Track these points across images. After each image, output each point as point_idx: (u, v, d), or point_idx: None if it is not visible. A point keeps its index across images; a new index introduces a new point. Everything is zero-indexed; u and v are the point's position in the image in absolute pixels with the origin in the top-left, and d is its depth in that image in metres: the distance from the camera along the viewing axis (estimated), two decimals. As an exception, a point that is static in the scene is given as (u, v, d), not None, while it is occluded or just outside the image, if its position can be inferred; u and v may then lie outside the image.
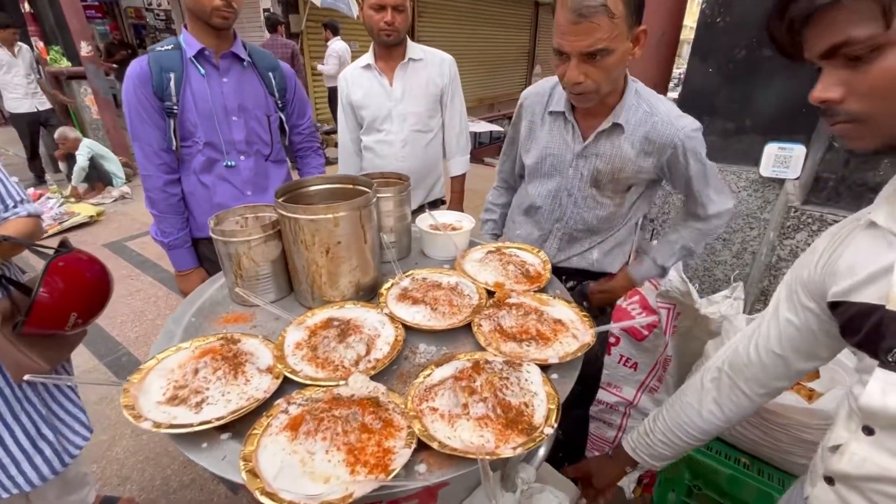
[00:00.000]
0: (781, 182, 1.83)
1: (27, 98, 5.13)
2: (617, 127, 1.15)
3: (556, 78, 1.26)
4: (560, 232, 1.35)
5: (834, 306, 0.65)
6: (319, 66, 6.38)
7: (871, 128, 0.53)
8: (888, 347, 0.55)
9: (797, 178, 1.77)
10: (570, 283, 1.45)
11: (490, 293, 1.06)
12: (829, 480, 0.65)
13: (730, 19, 1.76)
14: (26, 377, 0.72)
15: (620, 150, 1.17)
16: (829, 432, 0.68)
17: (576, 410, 1.55)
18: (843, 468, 0.61)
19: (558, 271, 1.41)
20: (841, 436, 0.64)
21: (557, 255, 1.39)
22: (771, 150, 1.79)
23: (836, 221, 1.46)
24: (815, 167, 1.54)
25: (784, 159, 1.78)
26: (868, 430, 0.60)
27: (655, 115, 1.15)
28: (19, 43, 4.95)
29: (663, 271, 1.36)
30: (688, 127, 1.14)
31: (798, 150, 1.75)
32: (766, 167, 1.82)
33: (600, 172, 1.21)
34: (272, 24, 6.00)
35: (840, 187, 1.51)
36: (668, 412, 0.93)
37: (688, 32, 4.02)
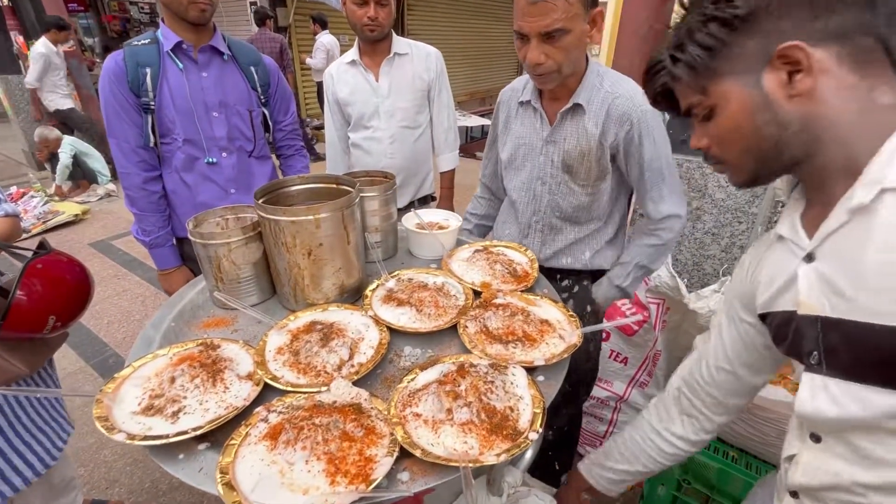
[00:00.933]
0: (770, 176, 1.83)
1: (66, 98, 5.36)
2: (578, 107, 1.17)
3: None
4: (539, 224, 1.34)
5: (763, 318, 0.70)
6: (308, 60, 6.30)
7: (732, 166, 0.64)
8: (808, 351, 0.58)
9: (785, 172, 1.77)
10: (566, 282, 1.41)
11: (477, 293, 1.05)
12: (794, 494, 0.66)
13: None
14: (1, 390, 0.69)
15: (585, 132, 1.18)
16: (784, 445, 0.69)
17: (567, 409, 1.54)
18: (800, 480, 0.62)
19: (551, 272, 1.39)
20: (793, 445, 0.65)
21: (543, 249, 1.36)
22: (759, 143, 1.79)
23: (824, 215, 1.48)
24: (802, 161, 1.54)
25: (772, 153, 1.78)
26: (815, 438, 0.61)
27: (617, 94, 1.15)
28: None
29: (623, 292, 1.34)
30: (646, 108, 1.13)
31: (786, 144, 1.75)
32: (755, 161, 1.82)
33: (569, 155, 1.21)
34: (261, 18, 5.90)
35: (827, 181, 1.51)
36: (629, 439, 0.94)
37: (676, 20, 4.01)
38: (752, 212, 1.90)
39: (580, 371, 1.46)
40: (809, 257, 0.58)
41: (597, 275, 1.41)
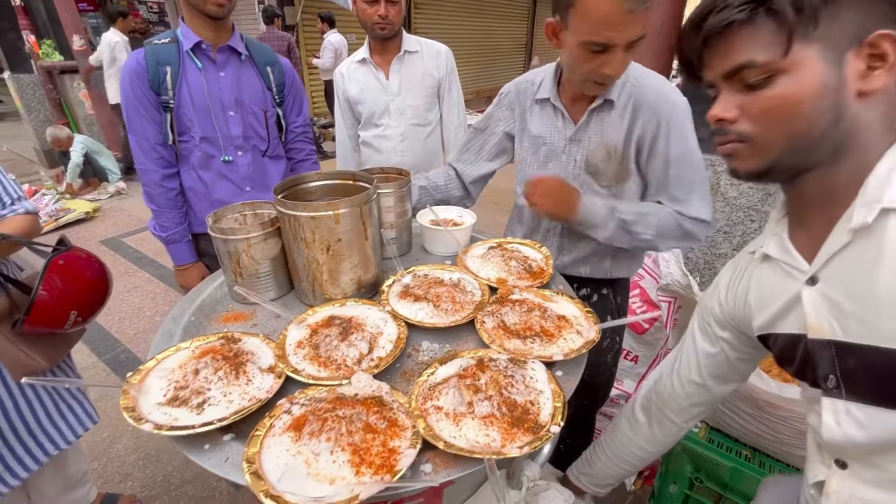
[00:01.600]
0: (783, 174, 1.82)
1: None
2: (608, 103, 1.12)
3: (542, 70, 1.24)
4: (557, 229, 1.29)
5: (764, 339, 0.69)
6: (315, 61, 6.30)
7: (757, 148, 0.56)
8: (824, 375, 0.57)
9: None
10: (584, 291, 1.37)
11: (493, 289, 1.05)
12: None
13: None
14: (26, 380, 0.70)
15: (612, 128, 1.13)
16: (807, 467, 0.68)
17: (583, 413, 1.53)
18: None
19: (569, 281, 1.30)
20: (819, 471, 0.64)
21: (560, 257, 1.32)
22: (772, 142, 1.78)
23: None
24: (817, 159, 1.53)
25: (786, 151, 1.77)
26: (842, 464, 0.60)
27: (645, 86, 1.10)
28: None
29: (613, 223, 1.12)
30: (676, 101, 1.08)
31: (800, 142, 1.74)
32: (768, 159, 1.81)
33: (593, 155, 1.17)
34: (269, 17, 5.93)
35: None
36: (606, 444, 1.02)
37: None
38: (765, 210, 1.89)
39: (599, 383, 1.44)
40: (812, 280, 0.57)
41: (616, 284, 1.37)
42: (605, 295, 1.37)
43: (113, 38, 4.95)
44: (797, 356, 0.61)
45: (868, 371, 0.52)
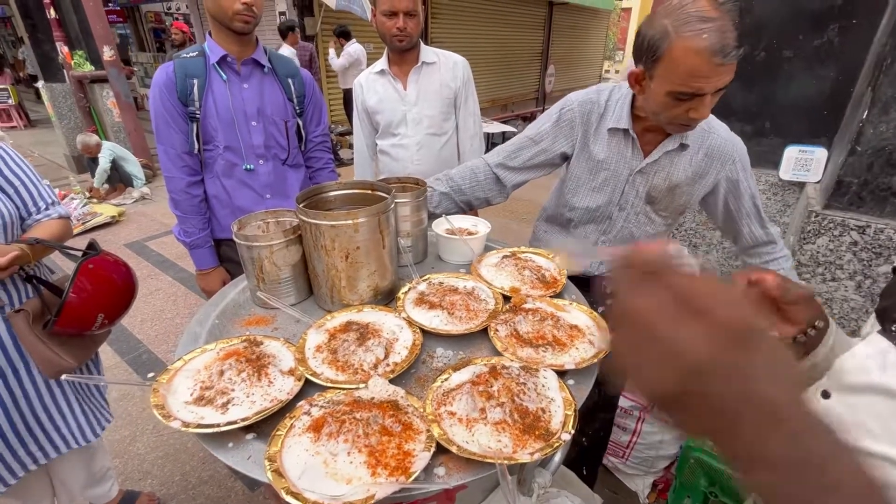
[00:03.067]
0: (802, 185, 1.80)
1: None
2: (683, 146, 1.18)
3: (606, 88, 1.26)
4: (605, 245, 1.34)
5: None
6: (331, 57, 6.37)
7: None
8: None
9: (818, 182, 1.75)
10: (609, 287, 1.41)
11: (506, 298, 1.07)
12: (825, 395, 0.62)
13: (748, 21, 1.74)
14: (65, 377, 0.75)
15: (679, 167, 1.20)
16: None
17: (601, 414, 1.53)
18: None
19: (594, 278, 1.37)
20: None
21: (600, 267, 1.36)
22: (791, 152, 1.77)
23: (859, 226, 1.44)
24: (836, 171, 1.51)
25: (805, 162, 1.75)
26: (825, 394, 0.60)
27: (712, 131, 1.19)
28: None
29: None
30: (740, 143, 1.20)
31: (819, 153, 1.72)
32: (786, 170, 1.79)
33: (656, 188, 1.22)
34: (283, 32, 6.04)
35: (863, 192, 1.48)
36: None
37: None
38: (784, 221, 1.87)
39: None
40: None
41: None
42: None
43: (284, 52, 5.35)
44: None
45: None
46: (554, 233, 1.46)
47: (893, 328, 0.56)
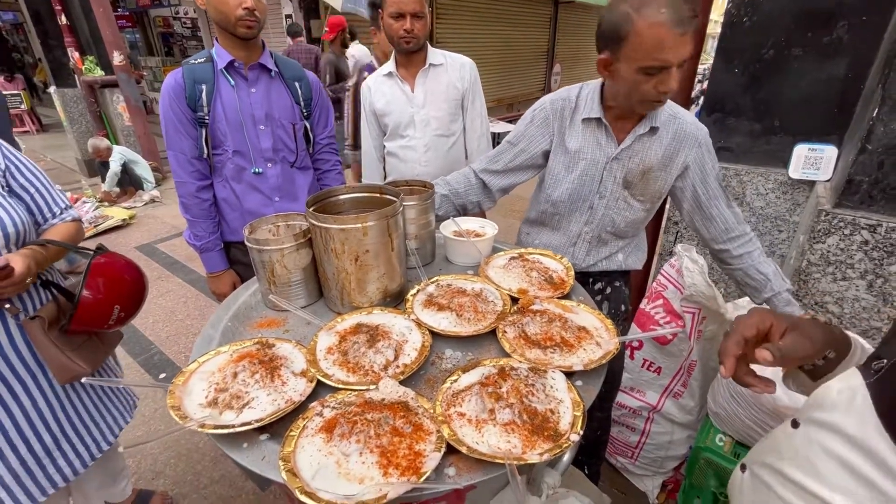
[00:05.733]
0: (811, 184, 1.78)
1: None
2: (653, 129, 1.22)
3: (575, 87, 1.31)
4: (589, 235, 1.38)
5: None
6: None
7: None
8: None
9: (828, 181, 1.73)
10: (599, 285, 1.48)
11: (514, 300, 1.08)
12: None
13: (757, 19, 1.73)
14: (85, 380, 0.77)
15: (651, 151, 1.24)
16: None
17: (597, 412, 1.55)
18: None
19: (585, 275, 1.44)
20: None
21: (586, 258, 1.41)
22: (800, 151, 1.75)
23: (870, 225, 1.43)
24: (847, 169, 1.50)
25: (814, 161, 1.74)
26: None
27: (678, 117, 1.24)
28: None
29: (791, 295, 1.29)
30: (704, 129, 1.25)
31: (829, 152, 1.70)
32: (796, 169, 1.77)
33: (631, 173, 1.26)
34: (292, 34, 6.12)
35: (874, 190, 1.46)
36: None
37: (712, 27, 3.98)
38: (794, 220, 1.85)
39: (612, 371, 1.48)
40: None
41: (627, 275, 1.49)
42: (618, 287, 1.49)
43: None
44: None
45: None
46: (536, 233, 1.50)
47: (874, 365, 0.54)
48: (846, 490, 0.52)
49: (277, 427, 0.76)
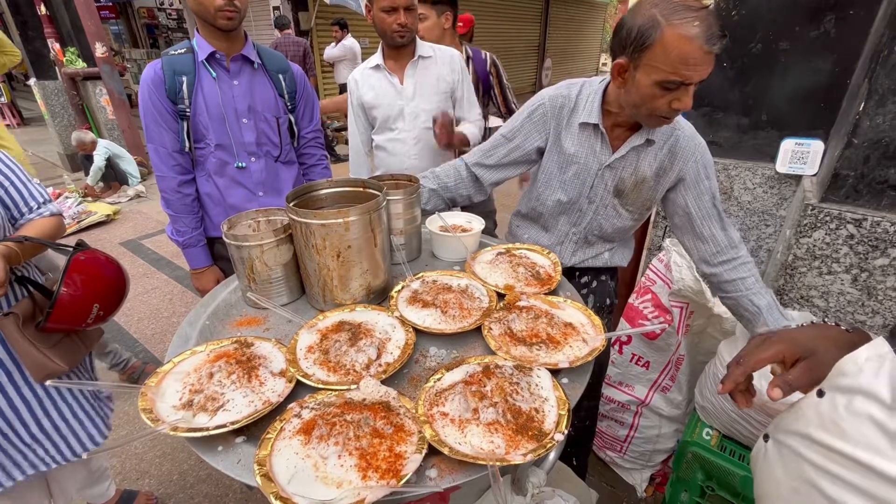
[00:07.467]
0: (798, 178, 1.79)
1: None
2: (649, 141, 1.19)
3: (577, 83, 1.27)
4: (576, 237, 1.37)
5: None
6: (327, 49, 6.47)
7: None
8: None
9: (815, 175, 1.73)
10: (585, 279, 1.48)
11: (500, 295, 1.06)
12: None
13: (745, 13, 1.72)
14: (49, 382, 0.74)
15: (645, 163, 1.21)
16: None
17: (585, 402, 1.55)
18: None
19: (570, 269, 1.43)
20: None
21: (571, 258, 1.41)
22: (787, 145, 1.75)
23: (856, 220, 1.43)
24: (833, 164, 1.50)
25: (801, 155, 1.74)
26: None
27: (677, 127, 1.20)
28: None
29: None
30: (703, 143, 1.20)
31: (816, 146, 1.70)
32: (783, 163, 1.78)
33: (623, 182, 1.24)
34: (280, 26, 6.06)
35: (859, 185, 1.47)
36: None
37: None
38: (780, 214, 1.86)
39: (599, 362, 1.47)
40: None
41: (613, 270, 1.48)
42: (603, 281, 1.49)
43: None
44: None
45: None
46: (526, 227, 1.48)
47: None
48: (870, 445, 0.52)
49: (255, 429, 0.73)
